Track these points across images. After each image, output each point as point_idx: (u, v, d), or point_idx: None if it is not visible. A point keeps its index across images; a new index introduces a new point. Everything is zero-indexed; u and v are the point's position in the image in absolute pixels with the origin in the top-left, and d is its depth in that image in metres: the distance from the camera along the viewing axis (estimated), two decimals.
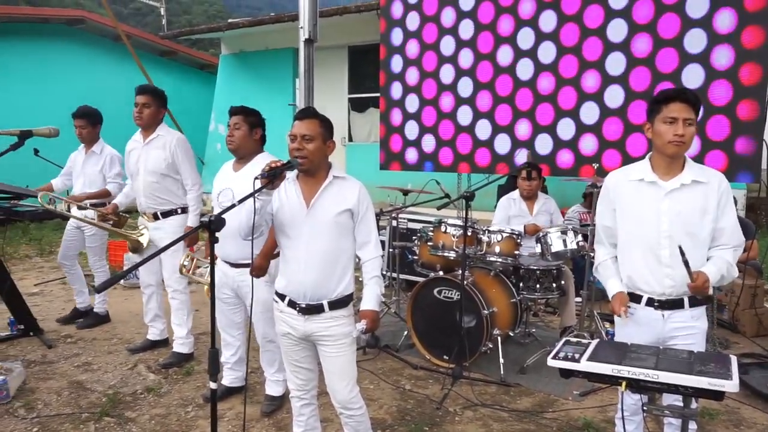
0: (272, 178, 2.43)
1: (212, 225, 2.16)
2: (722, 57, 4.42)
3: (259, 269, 3.06)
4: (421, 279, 4.86)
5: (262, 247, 3.09)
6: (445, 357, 4.54)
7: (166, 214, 4.40)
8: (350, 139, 11.54)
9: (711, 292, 2.57)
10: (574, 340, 2.27)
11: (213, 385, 2.24)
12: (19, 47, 12.15)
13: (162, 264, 4.51)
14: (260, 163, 3.42)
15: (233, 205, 2.35)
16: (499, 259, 4.62)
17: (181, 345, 4.55)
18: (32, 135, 3.17)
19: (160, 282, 4.70)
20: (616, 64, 4.87)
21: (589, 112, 5.02)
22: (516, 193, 5.24)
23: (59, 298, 6.33)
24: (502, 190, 5.99)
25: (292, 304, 2.68)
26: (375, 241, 2.73)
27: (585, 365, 2.05)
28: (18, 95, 11.87)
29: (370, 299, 2.69)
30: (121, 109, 11.14)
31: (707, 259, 2.57)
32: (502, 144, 5.48)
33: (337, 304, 2.67)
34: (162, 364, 4.48)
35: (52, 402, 3.87)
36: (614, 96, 4.90)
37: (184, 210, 4.43)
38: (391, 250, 5.74)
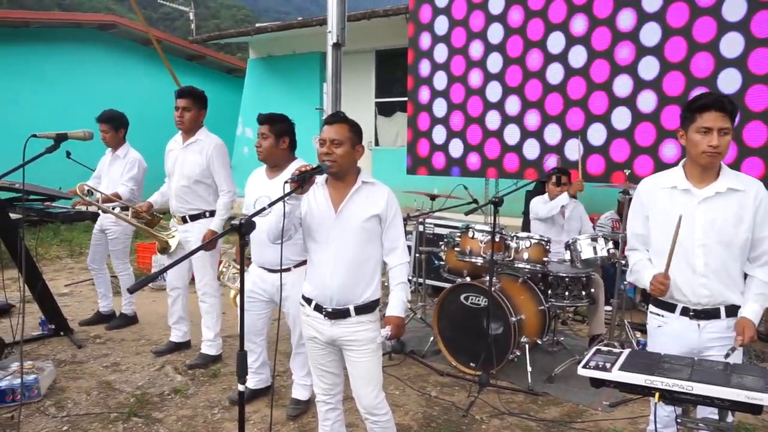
0: (302, 182, 2.45)
1: (243, 228, 2.18)
2: (760, 61, 4.32)
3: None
4: (447, 285, 4.83)
5: None
6: (471, 364, 4.52)
7: (194, 217, 4.46)
8: (377, 143, 11.57)
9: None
10: (605, 349, 2.25)
11: (241, 387, 2.27)
12: (53, 52, 12.46)
13: (193, 267, 4.57)
14: (292, 168, 3.46)
15: (264, 209, 2.39)
16: (528, 266, 4.60)
17: (208, 347, 4.61)
18: (67, 138, 3.24)
19: (186, 285, 4.77)
20: (648, 68, 4.82)
21: (621, 117, 4.95)
22: (546, 197, 5.21)
23: (89, 299, 6.45)
24: (531, 196, 5.89)
25: (318, 308, 2.71)
26: (402, 247, 2.74)
27: (617, 375, 2.03)
28: (51, 98, 12.16)
29: (396, 305, 2.69)
30: (151, 113, 11.38)
31: (744, 277, 2.51)
32: (531, 149, 5.46)
33: (363, 309, 2.68)
34: (189, 365, 4.54)
35: (81, 401, 3.95)
36: (647, 101, 4.84)
37: (212, 214, 4.46)
38: (417, 255, 5.73)
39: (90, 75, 12.97)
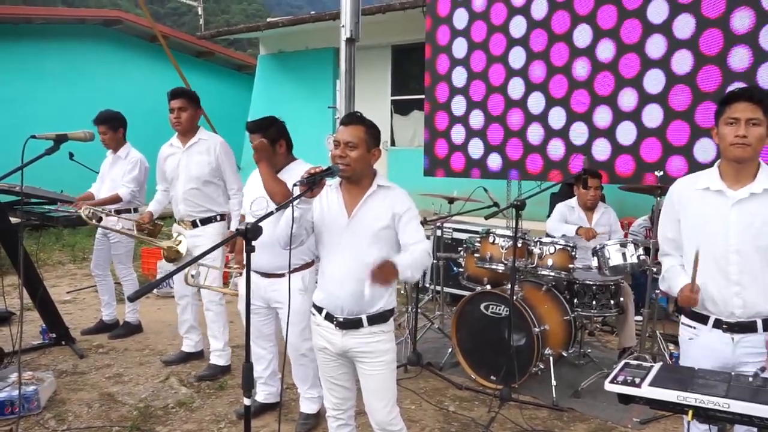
0: (311, 185, 2.45)
1: (249, 233, 2.18)
2: None
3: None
4: (466, 293, 4.83)
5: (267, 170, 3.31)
6: (492, 377, 4.50)
7: (206, 221, 4.51)
8: (393, 143, 11.59)
9: None
10: (635, 362, 2.23)
11: (247, 402, 2.27)
12: (55, 48, 12.64)
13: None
14: (294, 171, 3.45)
15: (271, 213, 2.39)
16: (552, 273, 4.57)
17: (218, 357, 4.65)
18: (68, 139, 3.28)
19: (195, 292, 4.80)
20: (682, 62, 4.75)
21: (652, 115, 4.90)
22: (574, 201, 5.19)
23: (91, 306, 6.52)
24: (555, 199, 5.98)
25: (329, 317, 2.70)
26: (423, 242, 2.62)
27: (647, 391, 2.00)
28: (53, 97, 12.33)
29: (401, 258, 2.49)
30: (157, 112, 11.46)
31: None
32: (556, 149, 5.41)
33: (376, 319, 2.67)
34: (198, 376, 4.57)
35: (82, 414, 3.99)
36: (680, 97, 4.77)
37: (223, 217, 4.53)
38: (435, 261, 5.69)
39: (93, 73, 13.15)
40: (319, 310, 2.75)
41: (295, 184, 2.46)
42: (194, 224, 4.51)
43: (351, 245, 2.63)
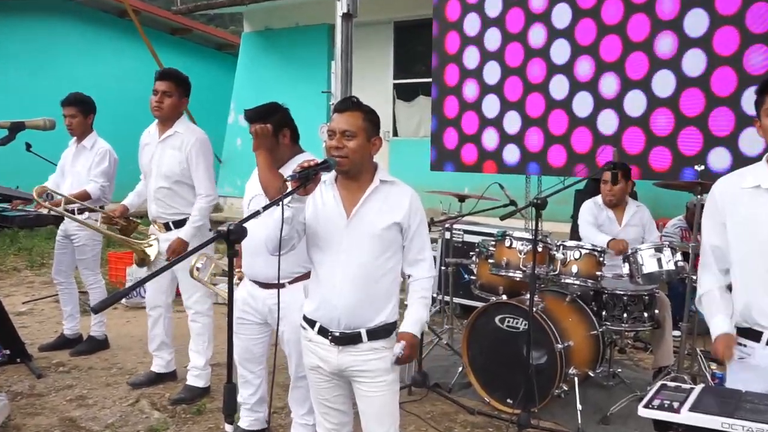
0: (304, 180, 2.42)
1: (231, 235, 2.15)
2: None
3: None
4: (479, 304, 4.81)
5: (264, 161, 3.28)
6: (508, 400, 4.48)
7: (179, 224, 4.47)
8: (395, 133, 11.58)
9: None
10: (672, 384, 2.22)
11: (229, 428, 2.24)
12: (10, 26, 12.60)
13: (179, 282, 4.60)
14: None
15: (257, 212, 2.36)
16: (577, 282, 4.55)
17: (196, 377, 4.61)
18: (24, 127, 3.26)
19: (169, 303, 4.77)
20: (726, 42, 4.72)
21: (691, 101, 4.89)
22: (601, 199, 5.20)
23: (51, 319, 6.51)
24: (581, 197, 5.93)
25: (323, 331, 2.69)
26: (429, 260, 2.77)
27: (686, 417, 2.00)
28: (10, 80, 12.31)
29: (412, 321, 2.69)
30: (125, 97, 11.45)
31: None
32: (581, 140, 5.40)
33: (377, 334, 2.67)
34: (173, 399, 4.53)
35: None
36: (723, 81, 4.73)
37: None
38: (443, 268, 5.64)
39: (53, 52, 13.14)
40: (311, 323, 2.73)
41: (285, 180, 2.46)
42: (167, 227, 4.50)
43: (350, 248, 2.62)
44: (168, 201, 4.45)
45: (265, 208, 2.40)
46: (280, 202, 2.45)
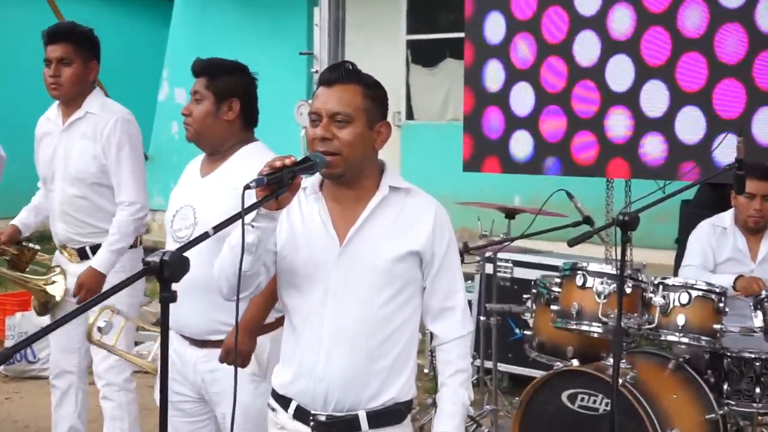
0: (276, 187, 2.07)
1: (166, 269, 1.82)
2: None
3: (240, 353, 2.75)
4: (538, 373, 4.45)
5: (244, 314, 2.83)
6: None
7: (97, 249, 3.98)
8: (409, 115, 10.68)
9: None
10: None
11: None
12: None
13: None
14: (246, 160, 3.09)
15: (205, 235, 1.99)
16: (685, 339, 3.99)
17: None
18: None
19: (83, 369, 4.22)
20: None
21: None
22: (727, 218, 4.61)
23: None
24: (689, 211, 5.49)
25: (302, 414, 2.38)
26: (463, 307, 2.50)
27: None
28: None
29: (449, 413, 2.41)
30: (15, 64, 10.36)
31: None
32: (688, 125, 4.71)
33: (383, 418, 2.37)
34: None
35: None
36: None
37: (134, 242, 4.13)
38: (482, 318, 5.11)
39: None
40: (284, 402, 2.43)
41: (247, 186, 2.07)
42: (82, 254, 4.02)
43: (344, 291, 2.34)
44: (82, 216, 4.00)
45: (217, 228, 2.04)
46: (240, 220, 2.06)
